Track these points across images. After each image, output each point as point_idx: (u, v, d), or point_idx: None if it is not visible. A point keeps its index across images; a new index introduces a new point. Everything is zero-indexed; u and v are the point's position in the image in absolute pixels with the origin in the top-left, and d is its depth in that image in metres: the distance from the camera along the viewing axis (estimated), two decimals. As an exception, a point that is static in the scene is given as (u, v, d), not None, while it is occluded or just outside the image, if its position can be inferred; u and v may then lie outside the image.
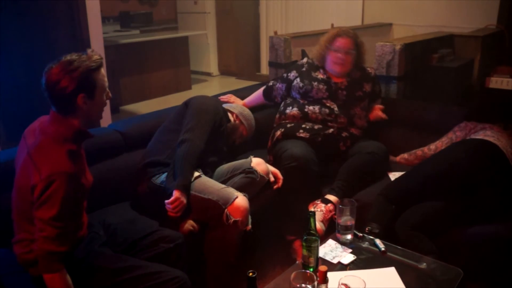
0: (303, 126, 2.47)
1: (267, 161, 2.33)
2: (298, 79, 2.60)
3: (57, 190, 1.35)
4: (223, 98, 2.67)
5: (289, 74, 2.67)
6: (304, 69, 2.65)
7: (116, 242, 1.71)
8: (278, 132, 2.51)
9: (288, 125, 2.50)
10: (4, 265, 1.55)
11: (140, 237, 1.72)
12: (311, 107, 2.50)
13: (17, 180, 1.49)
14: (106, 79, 1.54)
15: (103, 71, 1.53)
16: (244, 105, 2.68)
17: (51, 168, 1.37)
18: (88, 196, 1.60)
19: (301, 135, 2.44)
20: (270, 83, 2.77)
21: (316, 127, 2.46)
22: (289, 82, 2.65)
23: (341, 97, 2.52)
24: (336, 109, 2.48)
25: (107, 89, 1.56)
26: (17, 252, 1.50)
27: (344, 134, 2.47)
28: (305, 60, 2.74)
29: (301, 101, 2.55)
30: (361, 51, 2.58)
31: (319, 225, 2.12)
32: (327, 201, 2.25)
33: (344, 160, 2.39)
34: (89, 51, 1.50)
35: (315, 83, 2.53)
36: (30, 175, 1.39)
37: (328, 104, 2.49)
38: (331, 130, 2.45)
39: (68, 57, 1.46)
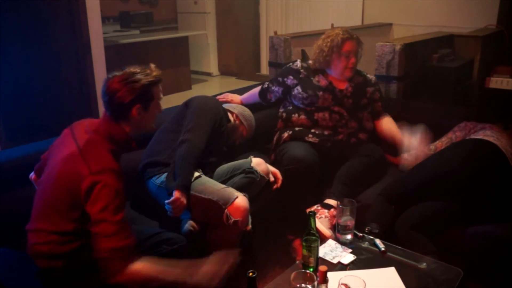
0: (313, 131, 2.44)
1: (268, 160, 2.33)
2: (299, 88, 2.50)
3: (107, 185, 1.40)
4: (220, 98, 2.66)
5: (285, 79, 2.56)
6: (301, 75, 2.53)
7: None
8: (286, 134, 2.48)
9: (297, 129, 2.48)
10: (3, 264, 1.55)
11: (144, 239, 1.72)
12: (320, 114, 2.45)
13: (57, 170, 1.49)
14: (161, 94, 1.63)
15: (160, 86, 1.63)
16: (241, 101, 2.68)
17: (101, 163, 1.43)
18: None
19: (310, 139, 2.41)
20: (265, 85, 2.71)
21: (326, 132, 2.44)
22: (286, 88, 2.57)
23: (347, 105, 2.48)
24: (345, 114, 2.46)
25: (160, 103, 1.64)
26: (32, 241, 1.50)
27: (353, 140, 2.46)
28: (299, 64, 2.60)
29: (308, 109, 2.49)
30: (361, 53, 2.53)
31: (329, 232, 2.08)
32: (328, 206, 2.23)
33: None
34: (152, 66, 1.60)
35: (320, 93, 2.45)
36: (78, 167, 1.43)
37: (336, 110, 2.45)
38: (340, 136, 2.43)
39: (132, 69, 1.57)
